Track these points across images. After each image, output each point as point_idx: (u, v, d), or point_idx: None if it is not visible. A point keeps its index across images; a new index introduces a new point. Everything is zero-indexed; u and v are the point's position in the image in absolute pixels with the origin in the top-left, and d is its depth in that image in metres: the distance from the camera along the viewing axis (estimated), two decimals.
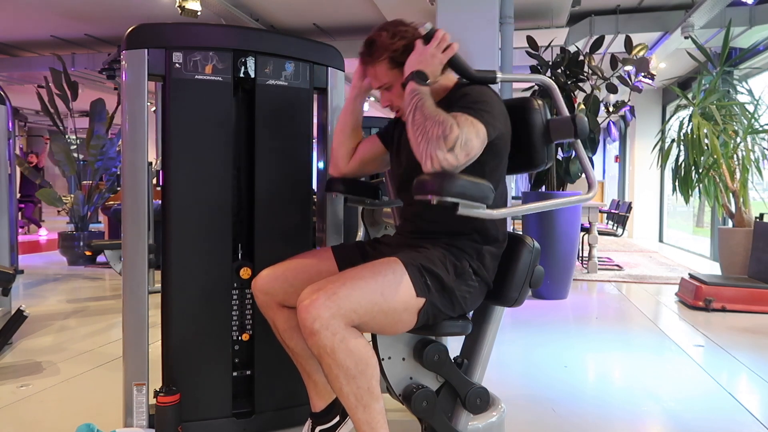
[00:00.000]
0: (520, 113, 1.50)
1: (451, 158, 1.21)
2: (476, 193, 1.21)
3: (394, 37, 1.45)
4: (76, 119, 6.19)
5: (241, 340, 1.84)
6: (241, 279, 1.81)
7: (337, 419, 1.61)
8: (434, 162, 1.21)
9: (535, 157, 1.52)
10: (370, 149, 1.69)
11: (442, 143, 1.21)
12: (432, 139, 1.22)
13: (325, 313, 1.22)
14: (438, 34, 1.41)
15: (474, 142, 1.25)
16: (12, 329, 2.69)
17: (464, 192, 1.19)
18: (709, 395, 2.34)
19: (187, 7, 5.36)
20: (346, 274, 1.34)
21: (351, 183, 1.75)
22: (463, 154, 1.22)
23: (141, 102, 1.68)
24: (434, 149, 1.21)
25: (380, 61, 1.47)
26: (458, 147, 1.21)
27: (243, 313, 1.83)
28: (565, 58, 4.29)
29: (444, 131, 1.22)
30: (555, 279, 4.23)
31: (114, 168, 6.29)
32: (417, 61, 1.39)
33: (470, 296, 1.41)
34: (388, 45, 1.45)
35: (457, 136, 1.22)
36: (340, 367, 1.24)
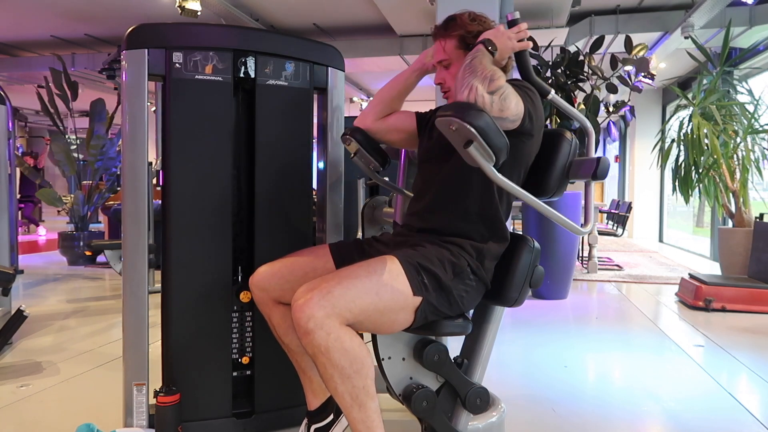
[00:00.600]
0: (550, 139, 1.52)
1: (488, 99, 1.25)
2: (495, 138, 1.20)
3: (474, 20, 1.51)
4: (76, 119, 6.19)
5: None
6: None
7: (331, 417, 1.61)
8: (471, 92, 1.24)
9: (546, 186, 1.51)
10: (403, 120, 1.71)
11: (487, 82, 1.25)
12: (479, 76, 1.26)
13: (319, 312, 1.22)
14: (522, 25, 1.44)
15: (512, 104, 1.30)
16: (12, 329, 2.70)
17: (486, 129, 1.18)
18: (709, 395, 2.34)
19: (187, 7, 5.36)
20: (341, 272, 1.34)
21: (369, 138, 1.73)
22: (497, 106, 1.26)
23: (141, 102, 1.68)
24: (477, 82, 1.25)
25: (452, 36, 1.51)
26: (497, 96, 1.26)
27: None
28: (565, 58, 4.29)
29: (493, 76, 1.26)
30: (555, 279, 4.23)
31: (114, 168, 6.30)
32: (493, 35, 1.41)
33: (467, 295, 1.40)
34: (465, 24, 1.50)
35: (502, 86, 1.27)
36: (335, 367, 1.24)
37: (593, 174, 1.41)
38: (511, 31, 1.43)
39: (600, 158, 1.40)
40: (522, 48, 1.45)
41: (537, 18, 6.36)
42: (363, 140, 1.70)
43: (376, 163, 1.72)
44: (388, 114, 1.72)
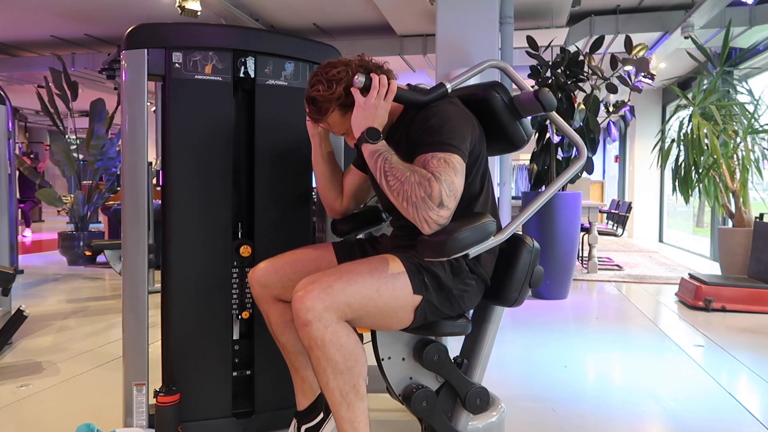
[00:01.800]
0: (482, 103, 1.48)
1: (444, 212, 1.21)
2: (480, 236, 1.24)
3: (331, 85, 1.40)
4: (76, 119, 6.19)
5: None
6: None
7: (320, 417, 1.61)
8: (430, 224, 1.21)
9: (514, 138, 1.51)
10: (355, 181, 1.67)
11: (429, 203, 1.20)
12: (419, 203, 1.20)
13: (318, 305, 1.22)
14: (374, 83, 1.36)
15: (456, 182, 1.24)
16: (12, 329, 2.70)
17: (469, 243, 1.22)
18: (709, 395, 2.34)
19: (187, 7, 5.36)
20: (343, 267, 1.35)
21: (354, 219, 1.73)
22: (452, 201, 1.22)
23: (141, 102, 1.68)
24: (425, 212, 1.20)
25: (330, 113, 1.44)
26: (445, 198, 1.21)
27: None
28: (565, 58, 4.29)
29: (425, 190, 1.20)
30: (555, 279, 4.23)
31: (114, 168, 6.30)
32: (362, 117, 1.35)
33: (468, 294, 1.41)
34: (329, 96, 1.41)
35: (439, 190, 1.20)
36: (329, 361, 1.24)
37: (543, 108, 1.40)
38: (370, 96, 1.36)
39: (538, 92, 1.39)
40: (392, 98, 1.38)
41: (537, 18, 6.36)
42: (351, 227, 1.72)
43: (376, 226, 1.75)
44: (340, 186, 1.69)
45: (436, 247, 1.19)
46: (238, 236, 1.83)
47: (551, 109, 1.41)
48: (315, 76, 1.44)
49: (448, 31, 4.11)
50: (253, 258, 1.80)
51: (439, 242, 1.19)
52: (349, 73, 1.40)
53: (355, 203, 1.71)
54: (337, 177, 1.69)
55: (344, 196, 1.69)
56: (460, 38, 4.08)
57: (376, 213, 1.77)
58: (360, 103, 1.36)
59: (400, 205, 1.24)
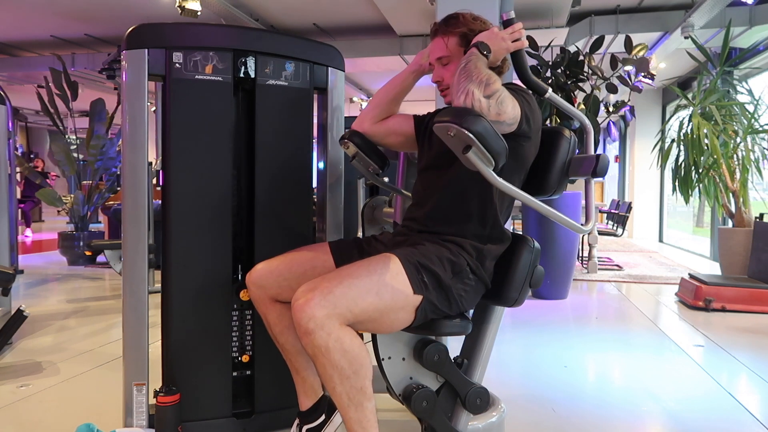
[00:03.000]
0: (549, 137, 1.51)
1: (485, 103, 1.24)
2: (493, 142, 1.20)
3: (476, 20, 1.51)
4: (76, 119, 6.19)
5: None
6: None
7: (323, 418, 1.61)
8: (468, 97, 1.23)
9: (546, 185, 1.52)
10: (401, 124, 1.71)
11: (483, 86, 1.25)
12: (474, 80, 1.25)
13: (320, 312, 1.22)
14: (516, 25, 1.42)
15: (509, 107, 1.29)
16: (12, 329, 2.69)
17: (484, 134, 1.18)
18: (709, 395, 2.34)
19: (187, 7, 5.36)
20: (341, 271, 1.34)
21: (367, 141, 1.72)
22: (495, 110, 1.26)
23: (141, 102, 1.68)
24: (473, 86, 1.24)
25: (454, 33, 1.50)
26: (494, 99, 1.25)
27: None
28: (565, 58, 4.29)
29: (489, 80, 1.26)
30: (555, 279, 4.23)
31: (114, 168, 6.29)
32: (487, 37, 1.40)
33: (467, 294, 1.40)
34: (467, 21, 1.50)
35: (498, 89, 1.26)
36: (335, 367, 1.24)
37: (593, 171, 1.41)
38: (505, 32, 1.42)
39: (600, 155, 1.40)
40: (517, 48, 1.43)
41: (537, 18, 6.36)
42: (361, 143, 1.70)
43: (375, 166, 1.72)
44: (385, 117, 1.72)
45: (457, 111, 1.20)
46: (238, 236, 1.83)
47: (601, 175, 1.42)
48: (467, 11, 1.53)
49: None
50: (253, 259, 1.80)
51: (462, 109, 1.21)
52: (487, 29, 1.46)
53: (382, 135, 1.72)
54: (391, 108, 1.72)
55: (381, 123, 1.71)
56: None
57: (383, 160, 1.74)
58: (494, 30, 1.43)
59: (458, 77, 1.28)
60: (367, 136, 1.71)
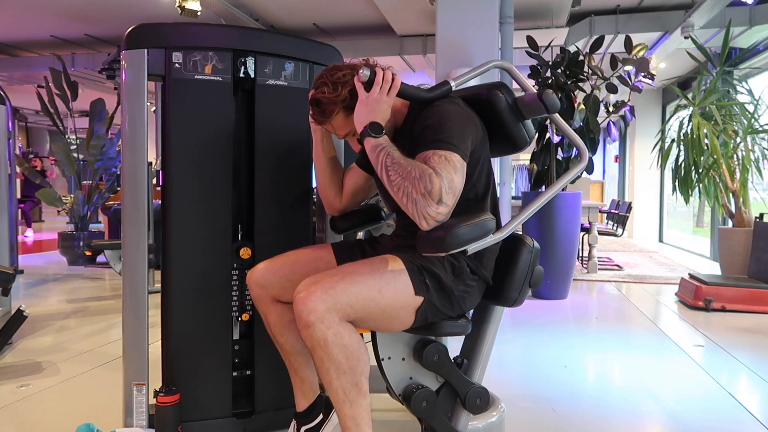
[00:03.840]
0: (485, 104, 1.48)
1: (443, 209, 1.21)
2: (479, 233, 1.23)
3: (336, 87, 1.42)
4: (76, 119, 6.19)
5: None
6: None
7: (320, 418, 1.61)
8: (429, 220, 1.21)
9: (516, 140, 1.51)
10: (356, 180, 1.67)
11: (429, 199, 1.20)
12: (418, 199, 1.20)
13: (321, 306, 1.22)
14: (377, 77, 1.36)
15: (456, 180, 1.24)
16: (12, 329, 2.69)
17: (468, 239, 1.22)
18: (709, 395, 2.34)
19: (187, 7, 5.36)
20: (344, 268, 1.35)
21: (352, 216, 1.74)
22: (451, 198, 1.22)
23: (141, 102, 1.68)
24: (424, 208, 1.20)
25: (334, 116, 1.45)
26: (444, 195, 1.20)
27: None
28: (565, 58, 4.29)
29: (426, 186, 1.20)
30: (555, 279, 4.23)
31: (114, 168, 6.29)
32: (365, 112, 1.35)
33: (468, 295, 1.41)
34: (334, 99, 1.43)
35: (440, 186, 1.20)
36: (332, 361, 1.25)
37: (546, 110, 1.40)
38: (373, 92, 1.35)
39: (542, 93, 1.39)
40: (395, 93, 1.38)
41: (537, 18, 6.36)
42: (349, 224, 1.72)
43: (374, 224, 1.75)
44: (340, 184, 1.69)
45: (435, 242, 1.19)
46: (238, 238, 1.84)
47: (554, 111, 1.41)
48: (320, 78, 1.45)
49: (448, 31, 4.11)
50: (253, 259, 1.80)
51: (437, 237, 1.19)
52: (353, 76, 1.40)
53: (354, 202, 1.71)
54: (338, 174, 1.69)
55: (344, 194, 1.69)
56: (460, 38, 4.08)
57: (375, 211, 1.77)
58: (363, 98, 1.37)
59: (399, 200, 1.24)
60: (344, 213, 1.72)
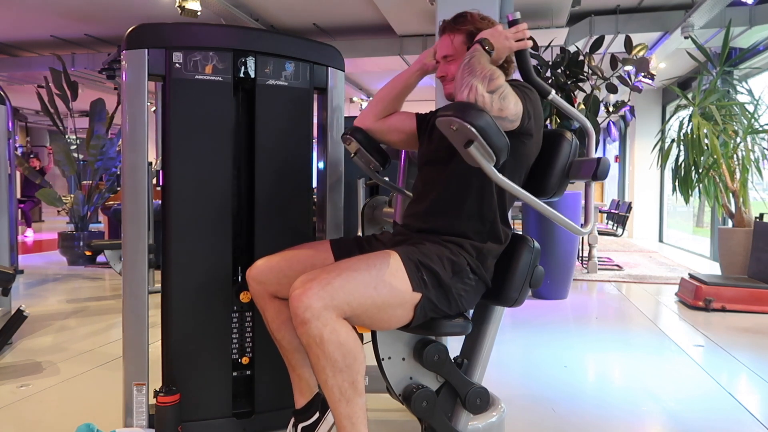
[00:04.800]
0: (550, 139, 1.52)
1: (488, 98, 1.24)
2: (495, 138, 1.20)
3: (484, 19, 1.52)
4: (76, 119, 6.19)
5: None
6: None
7: (316, 416, 1.61)
8: (471, 92, 1.24)
9: (546, 187, 1.51)
10: (403, 121, 1.71)
11: (486, 82, 1.25)
12: (478, 75, 1.25)
13: (317, 303, 1.22)
14: (521, 25, 1.43)
15: (511, 104, 1.29)
16: (12, 329, 2.69)
17: (486, 129, 1.18)
18: (709, 395, 2.34)
19: (187, 7, 5.36)
20: (341, 264, 1.34)
21: (369, 138, 1.73)
22: (497, 105, 1.26)
23: (141, 102, 1.68)
24: (476, 81, 1.24)
25: (461, 30, 1.52)
26: (497, 95, 1.26)
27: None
28: (565, 58, 4.29)
29: (492, 75, 1.26)
30: (555, 279, 4.23)
31: (114, 168, 6.29)
32: (490, 34, 1.41)
33: (467, 294, 1.40)
34: (475, 20, 1.52)
35: (501, 85, 1.26)
36: (328, 359, 1.24)
37: (593, 174, 1.41)
38: (509, 30, 1.42)
39: (600, 159, 1.40)
40: (520, 47, 1.44)
41: (537, 18, 6.36)
42: (363, 140, 1.70)
43: (376, 163, 1.72)
44: (388, 114, 1.72)
45: (460, 106, 1.21)
46: (238, 236, 1.83)
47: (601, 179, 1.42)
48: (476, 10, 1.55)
49: None
50: (252, 255, 1.80)
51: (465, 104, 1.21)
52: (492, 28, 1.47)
53: (384, 132, 1.73)
54: (394, 105, 1.73)
55: (382, 121, 1.72)
56: None
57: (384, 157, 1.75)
58: (499, 28, 1.44)
59: (461, 72, 1.28)
60: (369, 133, 1.72)
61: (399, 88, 1.71)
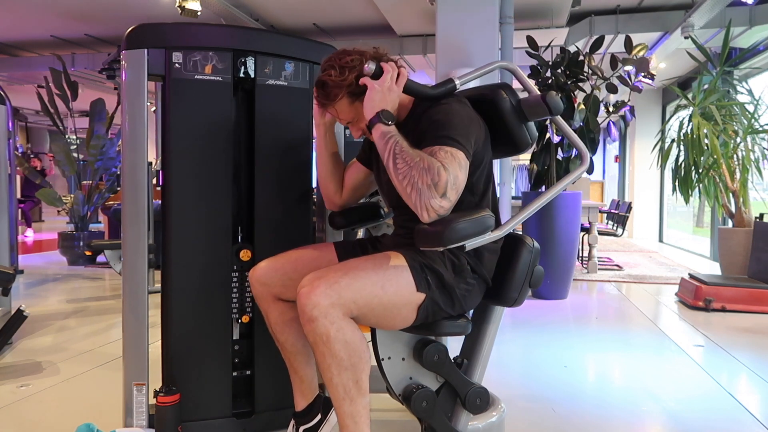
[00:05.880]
0: (489, 105, 1.49)
1: (446, 203, 1.22)
2: (478, 229, 1.24)
3: (344, 72, 1.41)
4: (76, 119, 6.19)
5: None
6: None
7: (318, 417, 1.61)
8: (430, 212, 1.22)
9: (518, 141, 1.51)
10: (356, 176, 1.69)
11: (434, 191, 1.21)
12: (423, 190, 1.22)
13: (324, 300, 1.23)
14: (386, 67, 1.38)
15: (460, 176, 1.26)
16: (12, 329, 2.69)
17: (467, 235, 1.22)
18: (709, 395, 2.34)
19: (187, 7, 5.36)
20: (348, 264, 1.35)
21: (351, 213, 1.75)
22: (454, 194, 1.24)
23: (141, 102, 1.68)
24: (427, 199, 1.21)
25: (339, 100, 1.45)
26: (449, 189, 1.23)
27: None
28: (565, 58, 4.29)
29: (433, 178, 1.21)
30: (555, 279, 4.23)
31: (114, 168, 6.29)
32: (375, 100, 1.36)
33: (469, 294, 1.41)
34: (340, 82, 1.42)
35: (446, 180, 1.22)
36: (334, 357, 1.25)
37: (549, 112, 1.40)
38: (383, 80, 1.37)
39: (545, 95, 1.40)
40: (403, 83, 1.40)
41: (537, 18, 6.36)
42: (347, 221, 1.73)
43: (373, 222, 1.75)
44: (341, 179, 1.71)
45: (433, 236, 1.20)
46: (239, 239, 1.84)
47: (558, 113, 1.42)
48: (328, 61, 1.46)
49: (448, 31, 4.11)
50: (253, 259, 1.80)
51: (436, 231, 1.20)
52: (362, 62, 1.41)
53: (353, 197, 1.72)
54: (339, 169, 1.71)
55: (344, 189, 1.71)
56: (460, 38, 4.08)
57: (374, 209, 1.77)
58: (373, 88, 1.37)
59: (403, 189, 1.25)
60: (344, 209, 1.73)
61: (325, 156, 1.68)
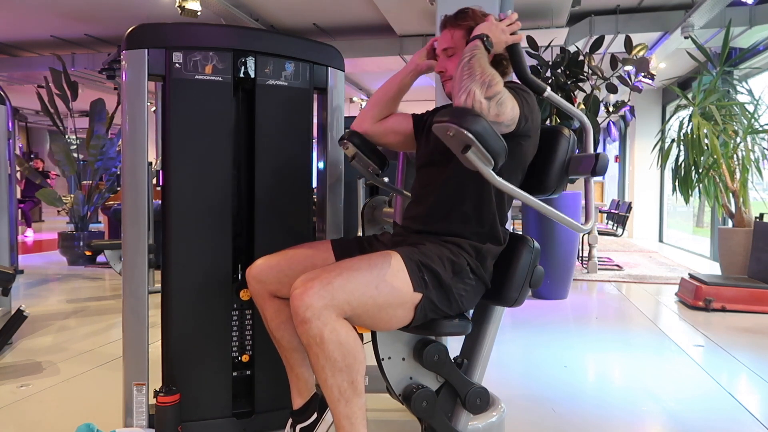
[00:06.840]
0: (548, 137, 1.52)
1: (485, 104, 1.24)
2: (493, 142, 1.20)
3: (484, 16, 1.53)
4: (76, 119, 6.19)
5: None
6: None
7: (315, 416, 1.61)
8: (469, 97, 1.24)
9: (546, 184, 1.52)
10: (400, 122, 1.71)
11: (484, 88, 1.25)
12: (476, 80, 1.25)
13: (318, 302, 1.22)
14: (512, 15, 1.46)
15: (508, 109, 1.30)
16: (12, 329, 2.69)
17: (483, 134, 1.19)
18: (709, 395, 2.34)
19: (187, 7, 5.36)
20: (342, 264, 1.34)
21: (366, 142, 1.72)
22: (494, 111, 1.26)
23: (141, 102, 1.68)
24: (475, 86, 1.24)
25: (462, 26, 1.52)
26: (494, 100, 1.26)
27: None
28: (565, 58, 4.29)
29: (491, 81, 1.26)
30: (555, 279, 4.23)
31: (114, 168, 6.30)
32: (487, 27, 1.42)
33: (467, 294, 1.40)
34: (476, 17, 1.52)
35: (499, 91, 1.27)
36: (328, 359, 1.24)
37: (592, 170, 1.41)
38: (503, 22, 1.44)
39: (599, 154, 1.40)
40: (514, 41, 1.45)
41: (537, 18, 6.36)
42: (360, 144, 1.70)
43: (374, 166, 1.72)
44: (385, 116, 1.72)
45: (457, 111, 1.21)
46: (238, 236, 1.84)
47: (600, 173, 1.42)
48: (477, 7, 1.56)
49: None
50: (252, 255, 1.80)
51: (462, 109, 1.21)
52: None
53: (381, 135, 1.73)
54: (390, 107, 1.73)
55: (380, 123, 1.72)
56: None
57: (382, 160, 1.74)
58: (493, 20, 1.45)
59: (460, 74, 1.28)
60: (366, 136, 1.71)
61: (394, 90, 1.71)
